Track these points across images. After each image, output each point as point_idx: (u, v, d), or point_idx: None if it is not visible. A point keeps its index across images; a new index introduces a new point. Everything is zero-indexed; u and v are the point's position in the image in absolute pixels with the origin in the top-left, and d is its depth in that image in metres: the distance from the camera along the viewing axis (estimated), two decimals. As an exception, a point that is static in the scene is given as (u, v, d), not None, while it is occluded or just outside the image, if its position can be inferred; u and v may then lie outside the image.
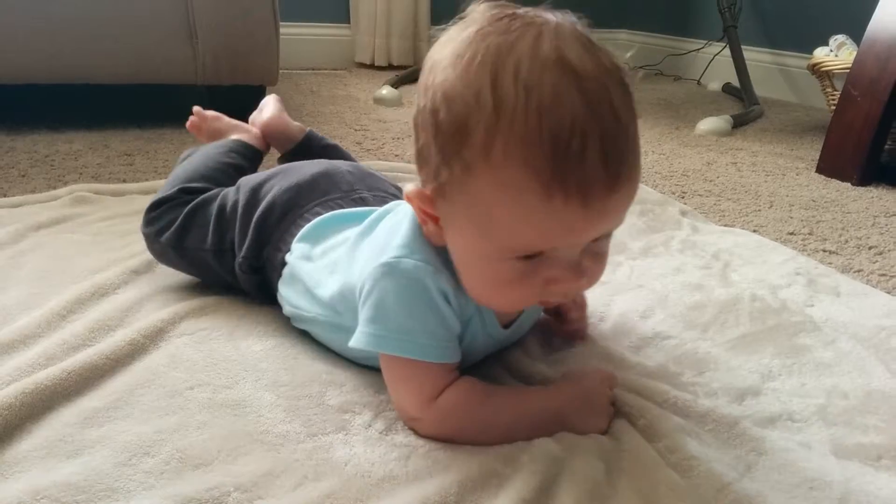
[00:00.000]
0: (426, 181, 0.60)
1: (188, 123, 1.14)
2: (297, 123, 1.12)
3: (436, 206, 0.61)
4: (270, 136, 1.11)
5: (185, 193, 0.91)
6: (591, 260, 0.60)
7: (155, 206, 0.91)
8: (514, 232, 0.55)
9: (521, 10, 0.57)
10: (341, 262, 0.73)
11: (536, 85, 0.51)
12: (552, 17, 0.56)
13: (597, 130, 0.51)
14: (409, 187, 0.62)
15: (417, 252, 0.64)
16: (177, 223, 0.87)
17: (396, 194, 0.89)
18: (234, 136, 1.08)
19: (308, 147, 1.10)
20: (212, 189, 0.91)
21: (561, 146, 0.51)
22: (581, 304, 0.84)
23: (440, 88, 0.56)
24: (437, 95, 0.56)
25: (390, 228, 0.68)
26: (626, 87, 0.55)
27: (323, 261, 0.76)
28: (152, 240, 0.90)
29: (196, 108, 1.13)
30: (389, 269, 0.64)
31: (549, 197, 0.52)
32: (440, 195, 0.59)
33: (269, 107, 1.13)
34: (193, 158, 1.00)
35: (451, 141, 0.55)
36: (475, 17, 0.57)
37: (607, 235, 0.61)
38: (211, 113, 1.13)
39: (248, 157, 1.05)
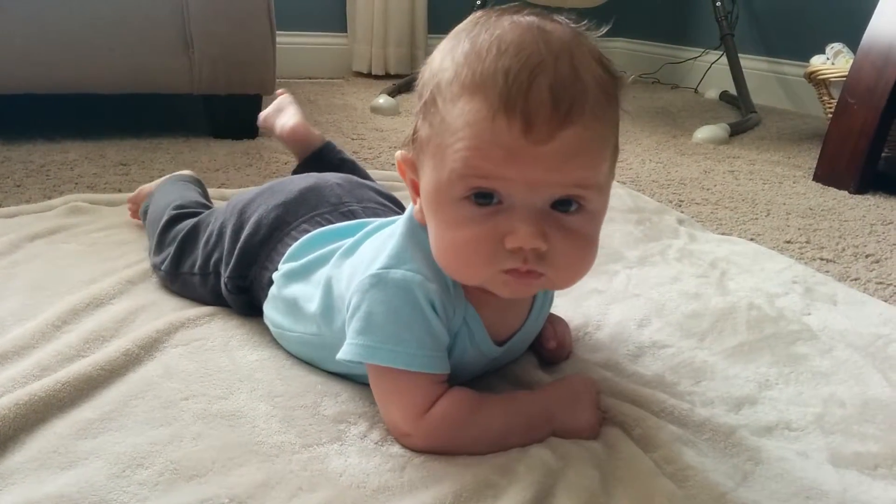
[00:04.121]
0: (411, 147, 0.64)
1: None
2: (317, 132, 1.12)
3: (416, 167, 0.63)
4: (293, 142, 1.11)
5: (174, 220, 0.95)
6: (558, 231, 0.57)
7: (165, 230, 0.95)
8: (463, 156, 0.56)
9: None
10: (325, 279, 0.72)
11: (505, 36, 0.56)
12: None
13: (549, 71, 0.54)
14: (398, 152, 0.66)
15: (407, 262, 0.64)
16: (172, 250, 0.90)
17: (387, 204, 0.89)
18: None
19: (324, 158, 1.09)
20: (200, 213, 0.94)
21: (510, 77, 0.54)
22: (562, 338, 0.80)
23: (428, 66, 0.62)
24: (425, 72, 0.62)
25: (381, 243, 0.68)
26: (604, 67, 0.58)
27: (307, 279, 0.75)
28: (155, 270, 0.94)
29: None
30: (378, 280, 0.64)
31: (493, 118, 0.54)
32: (419, 152, 0.62)
33: (292, 114, 1.12)
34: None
35: (428, 94, 0.60)
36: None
37: (575, 204, 0.58)
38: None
39: None
